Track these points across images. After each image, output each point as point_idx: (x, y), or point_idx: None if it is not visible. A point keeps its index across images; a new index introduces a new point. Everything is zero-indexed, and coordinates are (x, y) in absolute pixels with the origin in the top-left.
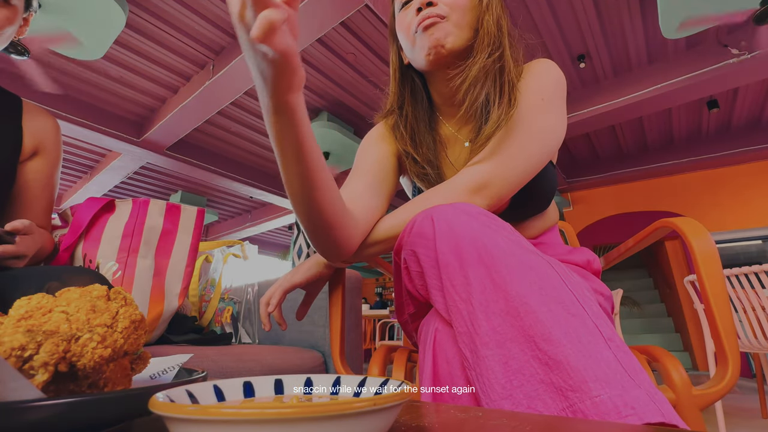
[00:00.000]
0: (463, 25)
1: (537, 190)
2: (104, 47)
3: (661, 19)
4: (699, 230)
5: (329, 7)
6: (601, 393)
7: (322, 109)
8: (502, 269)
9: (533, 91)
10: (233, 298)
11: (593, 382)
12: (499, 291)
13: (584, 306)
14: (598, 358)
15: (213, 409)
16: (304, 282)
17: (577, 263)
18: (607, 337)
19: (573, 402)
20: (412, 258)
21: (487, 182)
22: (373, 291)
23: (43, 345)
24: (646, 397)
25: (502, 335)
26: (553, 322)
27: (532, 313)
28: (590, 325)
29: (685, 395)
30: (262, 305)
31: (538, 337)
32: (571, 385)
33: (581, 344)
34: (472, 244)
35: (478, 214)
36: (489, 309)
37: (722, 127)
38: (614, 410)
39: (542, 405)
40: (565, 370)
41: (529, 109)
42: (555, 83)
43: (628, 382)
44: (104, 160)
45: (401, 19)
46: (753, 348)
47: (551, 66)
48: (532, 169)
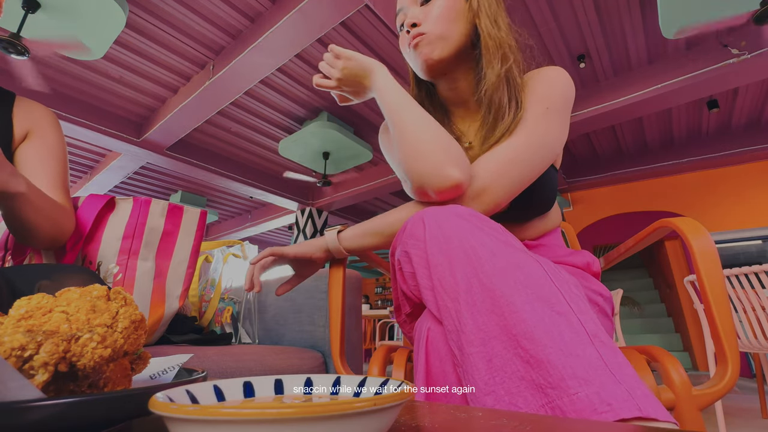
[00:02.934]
0: (448, 35)
1: (538, 194)
2: (104, 47)
3: (661, 20)
4: (699, 230)
5: (329, 7)
6: (578, 391)
7: (322, 109)
8: (489, 269)
9: (539, 98)
10: (233, 298)
11: (571, 380)
12: (486, 290)
13: (570, 303)
14: (579, 355)
15: (213, 409)
16: (292, 255)
17: (577, 265)
18: (592, 334)
19: (552, 399)
20: (405, 259)
21: (485, 189)
22: (374, 291)
23: (43, 345)
24: (625, 393)
25: (486, 333)
26: (536, 320)
27: (516, 313)
28: (575, 322)
29: (684, 395)
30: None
31: (521, 336)
32: (550, 382)
33: (563, 342)
34: (461, 245)
35: (468, 215)
36: (475, 308)
37: (722, 127)
38: (590, 407)
39: (522, 401)
40: (545, 368)
41: (533, 117)
42: (562, 92)
43: (607, 378)
44: (104, 160)
45: (401, 39)
46: (753, 348)
47: (561, 74)
48: (530, 177)
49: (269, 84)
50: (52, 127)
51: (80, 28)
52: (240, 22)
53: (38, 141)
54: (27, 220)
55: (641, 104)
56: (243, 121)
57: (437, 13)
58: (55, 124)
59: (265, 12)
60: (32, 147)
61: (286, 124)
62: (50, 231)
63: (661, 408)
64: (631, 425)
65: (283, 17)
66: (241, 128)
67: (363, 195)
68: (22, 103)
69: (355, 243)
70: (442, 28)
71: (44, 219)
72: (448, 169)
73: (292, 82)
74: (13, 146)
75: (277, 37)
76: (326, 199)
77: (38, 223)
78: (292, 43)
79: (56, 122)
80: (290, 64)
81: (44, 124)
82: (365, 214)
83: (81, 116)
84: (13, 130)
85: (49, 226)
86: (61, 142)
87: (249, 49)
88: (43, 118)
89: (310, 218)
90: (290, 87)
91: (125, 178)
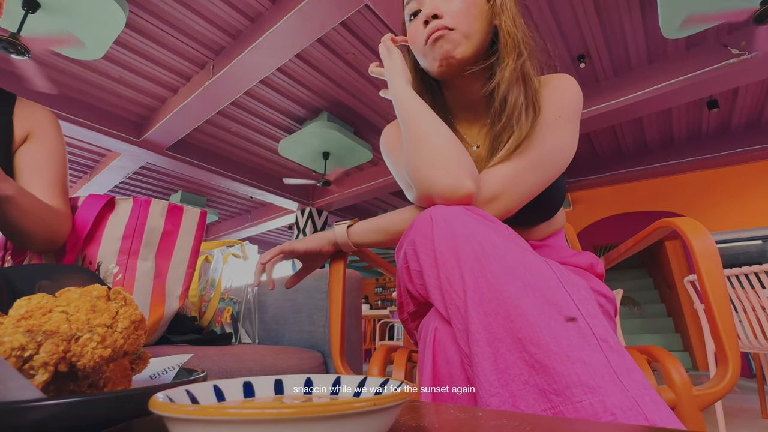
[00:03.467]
0: (471, 33)
1: (546, 200)
2: (104, 47)
3: (661, 19)
4: (699, 230)
5: (329, 7)
6: (582, 399)
7: (322, 109)
8: (496, 269)
9: (552, 106)
10: (233, 298)
11: (576, 387)
12: (493, 291)
13: (579, 307)
14: (585, 362)
15: (213, 409)
16: (303, 251)
17: (581, 266)
18: (600, 339)
19: (555, 404)
20: (412, 256)
21: (497, 196)
22: (374, 291)
23: (43, 345)
24: (631, 401)
25: (492, 334)
26: (543, 324)
27: (523, 316)
28: (583, 326)
29: (685, 395)
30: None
31: (527, 340)
32: (555, 389)
33: (569, 348)
34: (469, 241)
35: (477, 213)
36: (482, 307)
37: (722, 127)
38: (594, 415)
39: (525, 405)
40: (550, 374)
41: (546, 125)
42: (572, 101)
43: (614, 386)
44: (104, 160)
45: (411, 30)
46: (753, 348)
47: (572, 83)
48: (541, 186)
49: (269, 84)
50: (52, 129)
51: (80, 28)
52: (240, 22)
53: (38, 143)
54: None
55: (641, 104)
56: (243, 121)
57: (460, 8)
58: (55, 126)
59: (265, 12)
60: (32, 149)
61: (286, 124)
62: (43, 235)
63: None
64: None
65: (283, 17)
66: (241, 128)
67: (363, 195)
68: (23, 105)
69: (364, 238)
70: (467, 25)
71: (35, 223)
72: (464, 180)
73: (292, 82)
74: (13, 148)
75: (277, 37)
76: (326, 199)
77: (28, 227)
78: (292, 43)
79: (57, 124)
80: (290, 64)
81: (45, 126)
82: (365, 214)
83: (81, 116)
84: (13, 131)
85: (42, 231)
86: (61, 144)
87: (249, 49)
88: (44, 120)
89: (310, 218)
90: (290, 87)
91: (125, 178)
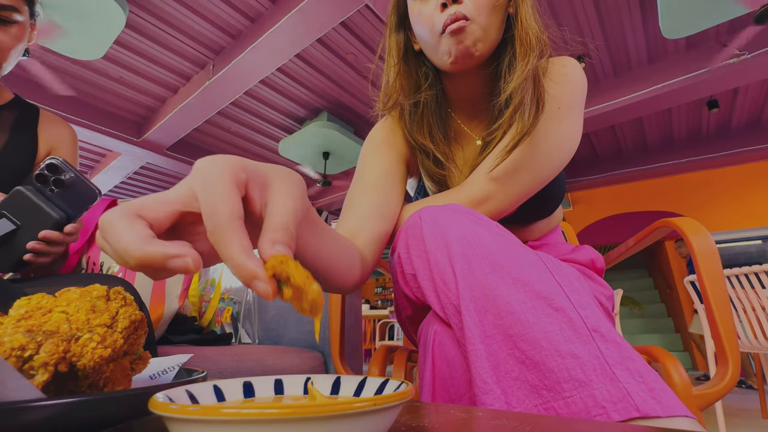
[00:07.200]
0: (490, 26)
1: (545, 199)
2: (104, 47)
3: (661, 19)
4: (699, 230)
5: (329, 7)
6: (573, 394)
7: (322, 109)
8: (486, 265)
9: (551, 97)
10: (233, 298)
11: (566, 382)
12: (482, 287)
13: (570, 297)
14: (576, 355)
15: (213, 409)
16: None
17: (580, 262)
18: (592, 329)
19: (547, 400)
20: (406, 260)
21: (490, 196)
22: (374, 291)
23: (43, 345)
24: (622, 392)
25: (484, 331)
26: (533, 320)
27: (513, 313)
28: (574, 317)
29: (685, 395)
30: None
31: (517, 337)
32: (546, 384)
33: (559, 342)
34: (459, 240)
35: (465, 211)
36: (474, 304)
37: (722, 127)
38: (585, 410)
39: (517, 402)
40: (541, 370)
41: (545, 119)
42: (574, 89)
43: (605, 378)
44: (104, 160)
45: (420, 10)
46: (753, 348)
47: (574, 68)
48: (539, 183)
49: (269, 84)
50: (72, 149)
51: (80, 27)
52: (240, 22)
53: None
54: None
55: (641, 104)
56: (243, 121)
57: None
58: (75, 144)
59: (265, 12)
60: None
61: (286, 124)
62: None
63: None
64: (629, 425)
65: (283, 17)
66: (241, 128)
67: None
68: (47, 119)
69: None
70: (485, 16)
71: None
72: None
73: (292, 82)
74: (36, 161)
75: (277, 37)
76: (326, 199)
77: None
78: (292, 43)
79: (76, 143)
80: (290, 64)
81: (67, 144)
82: None
83: (81, 116)
84: (38, 149)
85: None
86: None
87: (249, 49)
88: (67, 138)
89: None
90: (290, 87)
91: (125, 178)
